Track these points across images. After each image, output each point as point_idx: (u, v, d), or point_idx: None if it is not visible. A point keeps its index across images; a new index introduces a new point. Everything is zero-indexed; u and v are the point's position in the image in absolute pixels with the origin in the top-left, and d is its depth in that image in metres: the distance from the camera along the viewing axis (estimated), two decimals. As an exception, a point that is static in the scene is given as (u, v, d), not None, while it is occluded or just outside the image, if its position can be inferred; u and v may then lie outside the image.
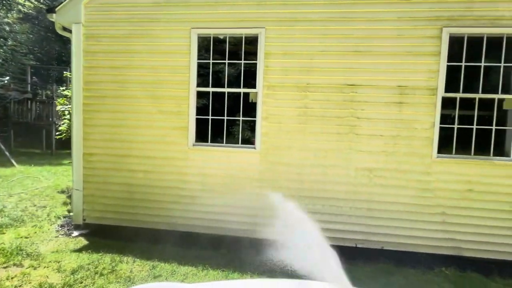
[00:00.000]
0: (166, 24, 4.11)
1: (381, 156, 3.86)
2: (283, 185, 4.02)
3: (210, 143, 4.19)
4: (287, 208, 1.63)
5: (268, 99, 3.98)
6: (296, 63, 3.94)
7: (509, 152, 3.76)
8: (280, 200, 1.91)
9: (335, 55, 3.89)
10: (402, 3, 3.77)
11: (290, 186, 4.01)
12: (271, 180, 4.05)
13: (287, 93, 3.97)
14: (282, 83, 3.97)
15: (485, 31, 3.68)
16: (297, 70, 3.94)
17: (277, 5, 3.93)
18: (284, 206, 1.68)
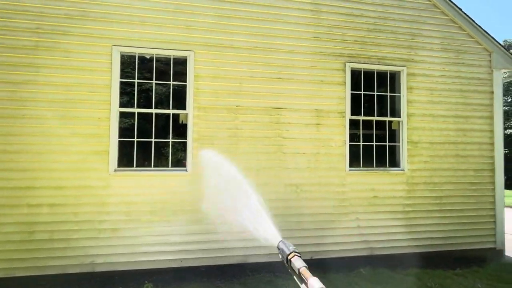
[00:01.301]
0: (82, 39, 3.63)
1: (306, 172, 4.14)
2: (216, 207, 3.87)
3: (135, 168, 3.75)
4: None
5: (199, 120, 3.87)
6: (226, 86, 4.00)
7: (399, 163, 4.56)
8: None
9: (262, 81, 4.12)
10: (313, 40, 4.32)
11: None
12: (204, 202, 3.86)
13: (218, 115, 3.95)
14: (212, 105, 3.94)
15: (375, 68, 4.52)
16: (227, 93, 3.99)
17: (205, 30, 3.97)
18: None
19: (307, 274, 0.89)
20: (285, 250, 1.05)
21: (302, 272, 0.91)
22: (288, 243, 1.07)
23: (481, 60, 4.85)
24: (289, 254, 1.01)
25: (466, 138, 4.71)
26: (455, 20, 4.76)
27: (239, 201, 1.27)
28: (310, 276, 0.87)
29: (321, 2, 4.35)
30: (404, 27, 4.60)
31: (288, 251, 1.02)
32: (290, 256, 1.00)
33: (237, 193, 1.30)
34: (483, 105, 4.80)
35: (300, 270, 0.92)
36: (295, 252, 1.01)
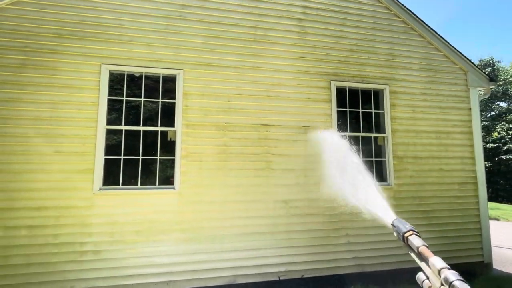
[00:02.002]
0: (71, 57, 3.60)
1: (295, 188, 4.11)
2: (205, 225, 3.74)
3: (121, 186, 3.61)
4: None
5: (187, 137, 3.82)
6: (215, 103, 4.00)
7: (386, 178, 4.60)
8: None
9: (250, 98, 4.15)
10: (299, 60, 4.44)
11: (212, 225, 3.77)
12: (192, 221, 3.72)
13: (207, 132, 3.92)
14: (201, 122, 3.91)
15: (359, 86, 4.65)
16: (215, 110, 3.99)
17: (194, 50, 4.02)
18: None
19: (428, 252, 0.86)
20: (401, 227, 1.00)
21: (422, 251, 0.88)
22: (404, 221, 1.04)
23: (458, 79, 5.08)
24: (406, 232, 0.97)
25: (449, 153, 4.82)
26: (432, 42, 5.02)
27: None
28: (432, 255, 0.85)
29: (306, 25, 4.52)
30: (385, 48, 4.81)
31: (405, 229, 0.98)
32: (408, 234, 0.96)
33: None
34: (462, 121, 4.97)
35: (420, 249, 0.90)
36: (412, 230, 0.98)
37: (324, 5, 4.64)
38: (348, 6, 4.75)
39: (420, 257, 0.90)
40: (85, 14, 3.72)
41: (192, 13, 4.08)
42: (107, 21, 3.78)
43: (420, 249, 0.89)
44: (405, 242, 0.98)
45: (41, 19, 3.58)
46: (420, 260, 0.90)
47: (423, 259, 0.88)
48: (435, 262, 0.80)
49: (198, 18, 4.09)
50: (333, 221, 4.14)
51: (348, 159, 1.51)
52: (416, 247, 0.91)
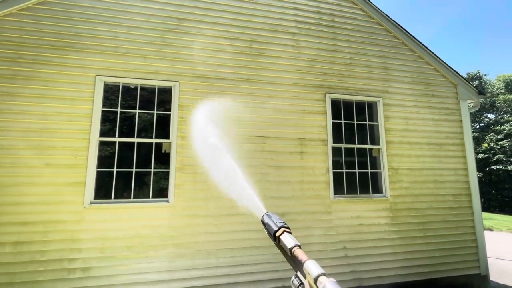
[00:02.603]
0: (65, 69, 3.57)
1: (291, 200, 4.06)
2: (200, 240, 3.64)
3: (113, 200, 3.50)
4: None
5: (182, 149, 3.77)
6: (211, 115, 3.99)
7: (382, 189, 4.59)
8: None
9: (246, 110, 4.16)
10: (294, 72, 4.50)
11: (208, 240, 3.67)
12: (186, 235, 3.62)
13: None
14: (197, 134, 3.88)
15: (353, 98, 4.72)
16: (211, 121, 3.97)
17: (190, 62, 4.04)
18: None
19: (302, 255, 0.72)
20: (271, 225, 0.84)
21: (296, 254, 0.73)
22: (275, 216, 0.87)
23: (449, 92, 5.20)
24: (277, 230, 0.80)
25: (442, 164, 4.87)
26: (422, 56, 5.17)
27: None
28: (306, 258, 0.71)
29: (300, 38, 4.61)
30: (377, 62, 4.92)
31: (276, 226, 0.82)
32: (279, 232, 0.80)
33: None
34: (454, 132, 5.06)
35: (293, 251, 0.74)
36: (284, 227, 0.81)
37: (317, 20, 4.76)
38: (340, 21, 4.88)
39: (293, 261, 0.75)
40: (82, 26, 3.72)
41: (189, 27, 4.13)
42: (104, 33, 3.78)
43: (294, 251, 0.74)
44: (277, 242, 0.82)
45: (36, 31, 3.56)
46: (294, 265, 0.75)
47: (297, 262, 0.73)
48: (310, 268, 0.66)
49: (195, 32, 4.14)
50: (330, 234, 4.09)
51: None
52: (289, 248, 0.75)
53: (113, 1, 3.89)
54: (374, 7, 5.05)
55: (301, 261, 0.70)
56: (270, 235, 0.84)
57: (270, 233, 0.84)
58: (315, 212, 4.09)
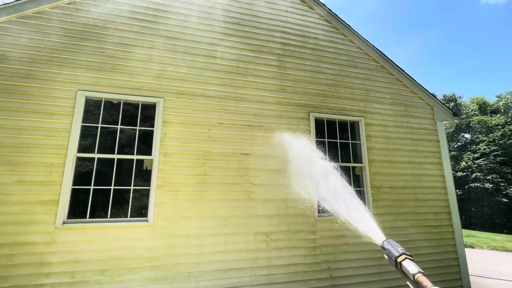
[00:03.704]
0: (45, 82, 3.47)
1: (275, 219, 3.99)
2: (180, 261, 3.47)
3: (88, 219, 3.32)
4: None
5: (164, 166, 3.68)
6: (195, 132, 3.95)
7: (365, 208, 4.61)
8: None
9: (231, 128, 4.15)
10: (279, 91, 4.59)
11: (187, 262, 3.50)
12: (166, 257, 3.44)
13: (186, 161, 3.80)
14: (180, 151, 3.81)
15: (336, 117, 4.84)
16: (196, 139, 3.93)
17: (176, 79, 4.05)
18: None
19: (427, 282, 0.78)
20: (392, 251, 0.92)
21: (420, 280, 0.79)
22: (395, 243, 0.94)
23: (426, 113, 5.45)
24: (399, 256, 0.88)
25: (422, 183, 4.99)
26: (400, 79, 5.43)
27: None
28: (431, 285, 0.77)
29: (286, 59, 4.76)
30: (359, 83, 5.12)
31: (397, 252, 0.90)
32: (400, 258, 0.88)
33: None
34: (432, 152, 5.24)
35: (416, 277, 0.80)
36: (405, 254, 0.89)
37: (301, 43, 4.95)
38: (323, 45, 5.10)
39: (417, 285, 0.82)
40: (66, 41, 3.68)
41: (177, 45, 4.18)
42: (90, 48, 3.75)
43: (417, 277, 0.81)
44: (398, 268, 0.91)
45: (17, 44, 3.48)
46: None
47: (421, 287, 0.80)
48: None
49: (182, 50, 4.18)
50: (314, 254, 4.01)
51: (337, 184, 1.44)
52: (412, 274, 0.83)
53: (100, 18, 3.90)
54: (355, 32, 5.33)
55: (425, 287, 0.77)
56: (390, 260, 0.92)
57: (391, 258, 0.92)
58: (300, 231, 4.03)
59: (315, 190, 1.40)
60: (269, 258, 3.78)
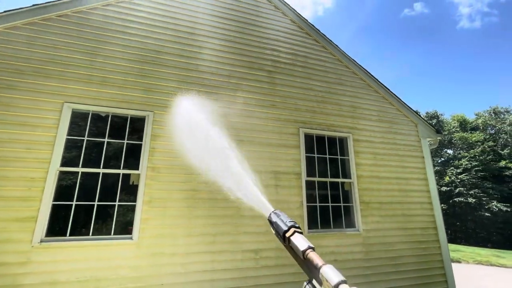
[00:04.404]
0: (30, 94, 3.37)
1: (265, 236, 3.91)
2: (165, 282, 3.31)
3: (68, 237, 3.15)
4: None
5: (152, 181, 3.59)
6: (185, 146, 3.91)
7: (354, 223, 4.62)
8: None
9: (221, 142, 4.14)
10: (270, 107, 4.65)
11: (174, 281, 3.35)
12: (150, 276, 3.28)
13: (174, 176, 3.73)
14: (169, 165, 3.74)
15: (325, 133, 4.93)
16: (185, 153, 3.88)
17: (166, 93, 4.03)
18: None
19: (318, 259, 0.65)
20: (280, 225, 0.77)
21: (310, 257, 0.67)
22: (283, 215, 0.80)
23: (411, 130, 5.63)
24: (287, 230, 0.74)
25: (409, 198, 5.07)
26: (386, 97, 5.63)
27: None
28: (322, 262, 0.64)
29: (276, 76, 4.86)
30: (347, 100, 5.27)
31: (286, 226, 0.76)
32: (289, 233, 0.74)
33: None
34: (418, 168, 5.37)
35: (307, 253, 0.67)
36: (294, 227, 0.75)
37: (291, 60, 5.10)
38: (312, 63, 5.26)
39: (307, 264, 0.69)
40: (54, 53, 3.63)
41: (167, 59, 4.20)
42: (79, 61, 3.71)
43: (308, 254, 0.69)
44: (286, 243, 0.76)
45: (3, 54, 3.41)
46: (307, 269, 0.69)
47: (311, 267, 0.67)
48: (329, 274, 0.61)
49: (173, 64, 4.21)
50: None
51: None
52: (302, 251, 0.69)
53: (91, 31, 3.90)
54: (342, 52, 5.54)
55: (316, 265, 0.65)
56: (278, 235, 0.78)
57: (279, 233, 0.78)
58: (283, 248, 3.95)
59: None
60: (258, 278, 3.67)
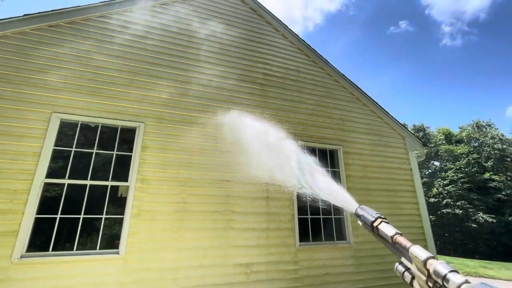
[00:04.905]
0: (17, 103, 3.28)
1: (256, 249, 3.86)
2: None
3: (51, 252, 3.00)
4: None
5: (141, 193, 3.51)
6: (176, 158, 3.86)
7: (345, 235, 4.62)
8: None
9: (213, 154, 4.12)
10: (261, 119, 4.70)
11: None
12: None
13: (164, 188, 3.66)
14: (159, 177, 3.68)
15: (316, 145, 4.99)
16: (176, 165, 3.83)
17: (158, 104, 4.02)
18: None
19: (406, 242, 0.77)
20: (367, 216, 0.91)
21: (398, 241, 0.78)
22: (368, 208, 0.94)
23: (399, 143, 5.77)
24: (375, 220, 0.87)
25: (398, 210, 5.13)
26: (374, 110, 5.79)
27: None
28: (410, 243, 0.75)
29: (268, 89, 4.94)
30: (337, 113, 5.38)
31: (373, 217, 0.89)
32: (376, 223, 0.86)
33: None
34: (407, 180, 5.48)
35: (395, 238, 0.80)
36: (381, 217, 0.87)
37: (283, 74, 5.20)
38: (303, 77, 5.39)
39: (396, 247, 0.82)
40: (45, 62, 3.60)
41: (159, 71, 4.21)
42: (69, 71, 3.68)
43: (396, 239, 0.81)
44: (374, 232, 0.90)
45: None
46: (397, 251, 0.82)
47: (400, 249, 0.80)
48: (417, 252, 0.71)
49: (165, 76, 4.22)
50: (296, 286, 3.87)
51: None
52: (390, 236, 0.82)
53: (83, 42, 3.89)
54: (332, 66, 5.71)
55: (405, 247, 0.76)
56: (367, 226, 0.91)
57: (367, 224, 0.91)
58: (281, 261, 3.90)
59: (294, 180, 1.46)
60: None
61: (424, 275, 0.69)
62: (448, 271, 0.63)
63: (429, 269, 0.67)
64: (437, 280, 0.64)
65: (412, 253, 0.73)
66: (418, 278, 0.71)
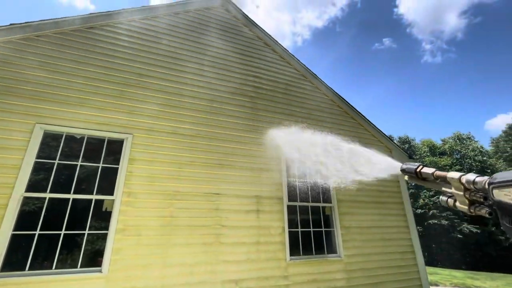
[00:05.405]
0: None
1: (246, 264, 3.75)
2: (136, 320, 3.02)
3: (27, 272, 2.80)
4: None
5: (127, 207, 3.39)
6: (164, 170, 3.78)
7: (336, 249, 4.58)
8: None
9: (203, 166, 4.06)
10: (251, 132, 4.69)
11: (145, 319, 3.05)
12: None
13: (152, 201, 3.55)
14: (146, 190, 3.57)
15: (306, 158, 5.01)
16: (165, 177, 3.74)
17: (148, 116, 3.97)
18: None
19: (442, 172, 0.92)
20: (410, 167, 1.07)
21: (438, 174, 0.94)
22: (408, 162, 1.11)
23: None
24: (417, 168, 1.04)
25: (387, 222, 5.17)
26: (362, 124, 5.93)
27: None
28: (446, 172, 0.90)
29: (258, 102, 4.98)
30: (326, 126, 5.45)
31: (415, 166, 1.05)
32: (419, 168, 1.03)
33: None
34: (394, 192, 5.56)
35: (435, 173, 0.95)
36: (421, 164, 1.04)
37: (272, 87, 5.28)
38: (293, 90, 5.48)
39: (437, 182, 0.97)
40: (31, 72, 3.51)
41: (150, 82, 4.19)
42: (56, 81, 3.60)
43: (435, 174, 0.95)
44: (419, 177, 1.04)
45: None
46: (437, 185, 0.97)
47: (440, 181, 0.94)
48: (452, 174, 0.87)
49: (156, 88, 4.20)
50: None
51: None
52: (431, 173, 0.97)
53: (71, 52, 3.84)
54: (320, 80, 5.85)
55: (444, 176, 0.91)
56: (412, 174, 1.07)
57: (411, 173, 1.06)
58: (271, 277, 3.81)
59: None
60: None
61: (461, 190, 0.84)
62: (475, 176, 0.79)
63: (463, 182, 0.82)
64: (470, 186, 0.80)
65: (449, 176, 0.88)
66: (458, 196, 0.86)
